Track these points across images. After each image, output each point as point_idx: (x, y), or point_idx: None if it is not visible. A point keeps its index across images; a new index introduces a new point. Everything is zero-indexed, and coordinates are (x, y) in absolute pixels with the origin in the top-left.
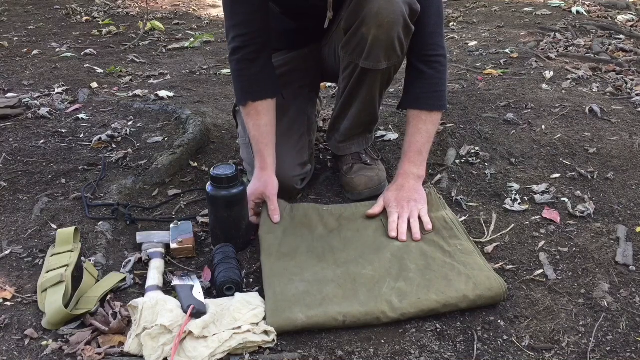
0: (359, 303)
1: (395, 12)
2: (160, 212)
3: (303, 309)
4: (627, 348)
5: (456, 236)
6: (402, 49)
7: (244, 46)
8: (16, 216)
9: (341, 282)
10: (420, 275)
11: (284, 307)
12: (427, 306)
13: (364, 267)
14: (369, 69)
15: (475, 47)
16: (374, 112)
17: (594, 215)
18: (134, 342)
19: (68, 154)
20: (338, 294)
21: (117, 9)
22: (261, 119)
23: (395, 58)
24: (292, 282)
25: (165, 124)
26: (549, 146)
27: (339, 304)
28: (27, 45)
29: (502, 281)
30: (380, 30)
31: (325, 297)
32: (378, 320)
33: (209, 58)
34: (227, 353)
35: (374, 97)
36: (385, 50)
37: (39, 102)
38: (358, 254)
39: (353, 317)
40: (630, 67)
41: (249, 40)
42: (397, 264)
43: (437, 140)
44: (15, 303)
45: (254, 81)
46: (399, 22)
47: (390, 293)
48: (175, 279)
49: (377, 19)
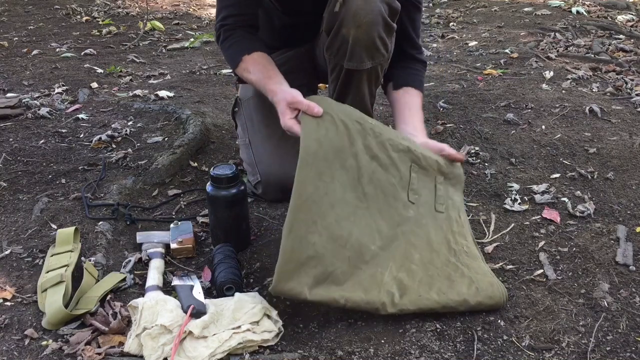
0: (362, 289)
1: (373, 11)
2: (160, 212)
3: (309, 281)
4: (627, 348)
5: (464, 236)
6: (385, 47)
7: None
8: (16, 216)
9: (350, 254)
10: (423, 270)
11: (292, 271)
12: (427, 305)
13: (373, 241)
14: (354, 69)
15: (475, 47)
16: (366, 111)
17: (594, 215)
18: (134, 342)
19: (68, 154)
20: (344, 271)
21: (117, 9)
22: (260, 63)
23: (380, 57)
24: (313, 231)
25: (165, 124)
26: (549, 146)
27: (342, 285)
28: (27, 45)
29: (503, 289)
30: (359, 31)
31: (332, 273)
32: (377, 311)
33: (209, 58)
34: (227, 353)
35: (363, 97)
36: (367, 50)
37: (39, 102)
38: (376, 210)
39: (354, 302)
40: (630, 67)
41: (239, 21)
42: (403, 249)
43: (437, 140)
44: (15, 303)
45: (246, 40)
46: (378, 22)
47: (392, 283)
48: (175, 279)
49: (355, 19)
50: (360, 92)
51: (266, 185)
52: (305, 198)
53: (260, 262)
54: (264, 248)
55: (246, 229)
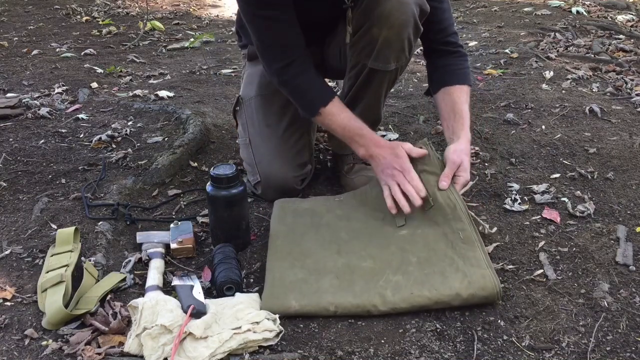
0: (352, 294)
1: (407, 12)
2: (160, 212)
3: (297, 296)
4: (627, 348)
5: (460, 218)
6: (410, 50)
7: (290, 62)
8: (16, 216)
9: (339, 274)
10: (419, 269)
11: (279, 293)
12: (419, 302)
13: (364, 260)
14: (378, 69)
15: (475, 47)
16: (378, 112)
17: (594, 215)
18: (134, 342)
19: (68, 154)
20: (334, 285)
21: (117, 9)
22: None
23: (404, 59)
24: (293, 267)
25: (165, 124)
26: (549, 146)
27: (332, 295)
28: (27, 45)
29: (496, 281)
30: (391, 31)
31: (321, 287)
32: (368, 313)
33: (209, 58)
34: (227, 353)
35: (380, 98)
36: (394, 51)
37: (39, 102)
38: (362, 246)
39: (344, 308)
40: (630, 67)
41: (290, 56)
42: (399, 257)
43: (437, 140)
44: (15, 303)
45: (314, 88)
46: (410, 23)
47: (386, 286)
48: (175, 279)
49: (389, 20)
50: (377, 92)
51: (266, 186)
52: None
53: (260, 262)
54: (264, 248)
55: (246, 229)
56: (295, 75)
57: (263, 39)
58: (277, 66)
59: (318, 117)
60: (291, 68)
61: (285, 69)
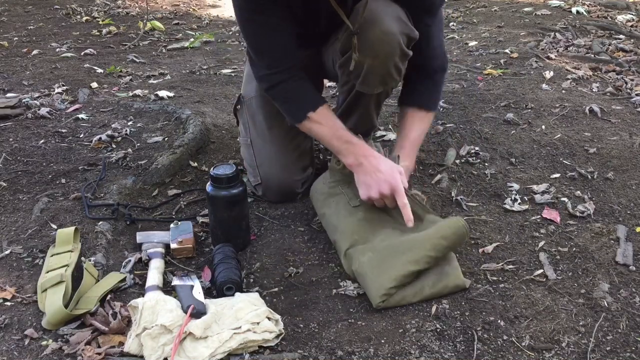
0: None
1: (392, 43)
2: (160, 212)
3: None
4: (627, 348)
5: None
6: (399, 74)
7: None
8: (16, 216)
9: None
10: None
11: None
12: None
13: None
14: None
15: (475, 47)
16: (371, 122)
17: (594, 215)
18: (134, 342)
19: (68, 154)
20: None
21: (117, 9)
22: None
23: (393, 82)
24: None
25: (165, 124)
26: (549, 146)
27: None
28: (27, 45)
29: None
30: (375, 61)
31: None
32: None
33: (209, 58)
34: (227, 353)
35: (371, 112)
36: (380, 78)
37: (39, 102)
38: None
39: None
40: (630, 67)
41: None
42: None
43: (437, 140)
44: (15, 303)
45: (303, 94)
46: (396, 53)
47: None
48: (175, 279)
49: (373, 50)
50: (368, 109)
51: (266, 188)
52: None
53: (260, 262)
54: (264, 248)
55: (246, 229)
56: (283, 81)
57: (254, 43)
58: (264, 72)
59: (306, 122)
60: (280, 74)
61: (272, 76)
